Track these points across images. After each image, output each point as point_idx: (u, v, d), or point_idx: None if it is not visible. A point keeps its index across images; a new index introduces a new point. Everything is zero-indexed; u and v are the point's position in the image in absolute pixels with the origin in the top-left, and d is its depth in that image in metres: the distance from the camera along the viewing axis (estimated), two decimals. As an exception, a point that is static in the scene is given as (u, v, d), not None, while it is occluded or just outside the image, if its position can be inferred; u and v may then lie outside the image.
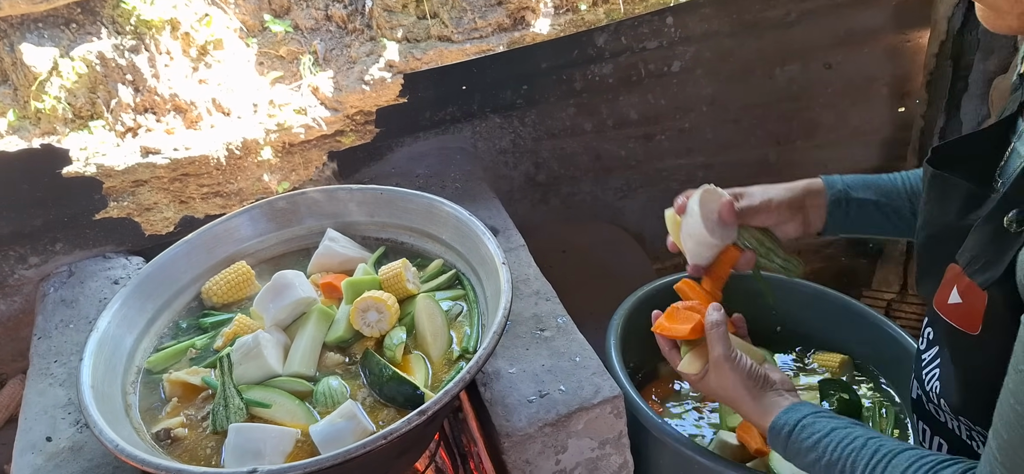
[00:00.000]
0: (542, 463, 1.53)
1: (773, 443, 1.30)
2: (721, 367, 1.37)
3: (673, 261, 2.88)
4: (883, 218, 1.54)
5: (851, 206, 1.52)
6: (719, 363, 1.37)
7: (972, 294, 1.06)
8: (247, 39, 2.08)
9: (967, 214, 1.12)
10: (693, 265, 1.53)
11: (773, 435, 1.29)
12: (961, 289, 1.09)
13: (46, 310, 1.83)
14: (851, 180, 1.55)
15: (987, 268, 1.01)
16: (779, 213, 1.52)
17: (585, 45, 2.29)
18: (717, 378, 1.38)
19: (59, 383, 1.62)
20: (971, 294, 1.06)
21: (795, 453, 1.26)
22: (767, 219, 1.51)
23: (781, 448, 1.29)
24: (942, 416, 1.24)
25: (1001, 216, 0.99)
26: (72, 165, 1.84)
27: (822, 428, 1.23)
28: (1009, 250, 0.97)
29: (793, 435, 1.25)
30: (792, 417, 1.27)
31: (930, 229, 1.22)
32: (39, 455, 1.46)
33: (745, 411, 1.37)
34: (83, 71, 1.88)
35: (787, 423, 1.27)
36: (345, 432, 1.26)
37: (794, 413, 1.28)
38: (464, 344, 1.46)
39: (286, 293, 1.48)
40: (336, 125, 2.05)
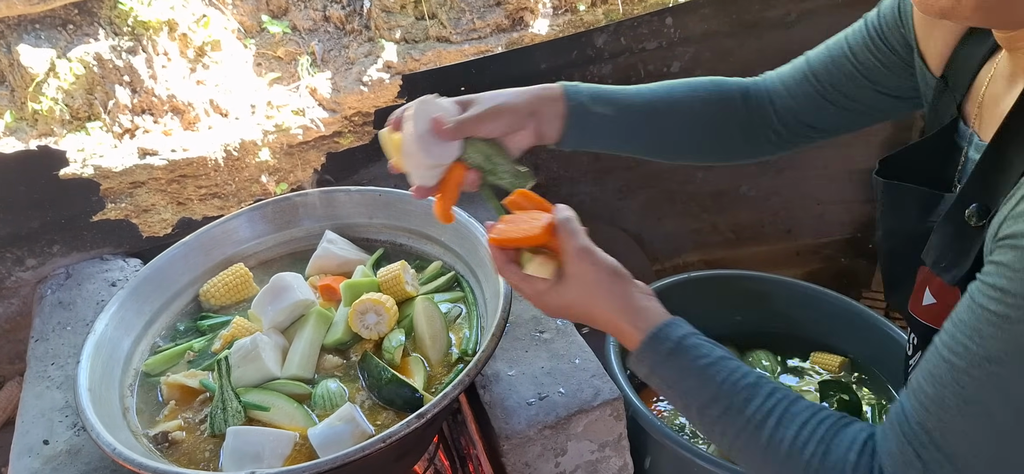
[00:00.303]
0: (542, 465, 1.53)
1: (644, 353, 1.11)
2: (581, 261, 1.17)
3: (672, 261, 2.88)
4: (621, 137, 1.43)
5: (590, 119, 1.38)
6: (579, 255, 1.17)
7: (945, 292, 1.05)
8: (245, 40, 2.07)
9: (926, 217, 1.10)
10: (418, 188, 1.31)
11: (652, 344, 1.11)
12: (934, 289, 1.08)
13: (43, 312, 1.82)
14: (596, 91, 1.40)
15: (954, 265, 1.00)
16: (509, 120, 1.34)
17: (584, 46, 2.28)
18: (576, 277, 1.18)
19: (56, 386, 1.61)
20: (945, 293, 1.05)
21: (673, 371, 1.09)
22: (495, 128, 1.32)
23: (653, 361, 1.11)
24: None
25: (961, 212, 0.98)
26: (69, 167, 1.83)
27: (710, 354, 1.08)
28: (974, 244, 0.96)
29: (677, 351, 1.09)
30: (676, 332, 1.11)
31: (892, 240, 1.19)
32: (36, 458, 1.45)
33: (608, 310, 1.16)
34: (80, 72, 1.88)
35: (671, 337, 1.10)
36: (344, 435, 1.26)
37: (678, 328, 1.11)
38: (463, 346, 1.46)
39: (284, 296, 1.48)
40: (334, 126, 2.04)
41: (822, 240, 2.99)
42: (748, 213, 2.85)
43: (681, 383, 1.08)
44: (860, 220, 2.95)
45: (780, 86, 1.46)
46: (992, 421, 0.86)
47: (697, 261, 2.92)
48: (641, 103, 1.42)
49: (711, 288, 2.13)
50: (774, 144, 1.48)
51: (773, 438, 1.01)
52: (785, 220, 2.90)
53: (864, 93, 1.33)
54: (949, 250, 1.02)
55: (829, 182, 2.83)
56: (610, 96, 1.41)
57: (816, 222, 2.93)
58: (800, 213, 2.90)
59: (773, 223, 2.90)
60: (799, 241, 2.97)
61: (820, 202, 2.88)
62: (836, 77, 1.35)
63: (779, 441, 1.01)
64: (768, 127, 1.47)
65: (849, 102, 1.35)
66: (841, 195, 2.88)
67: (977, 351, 0.84)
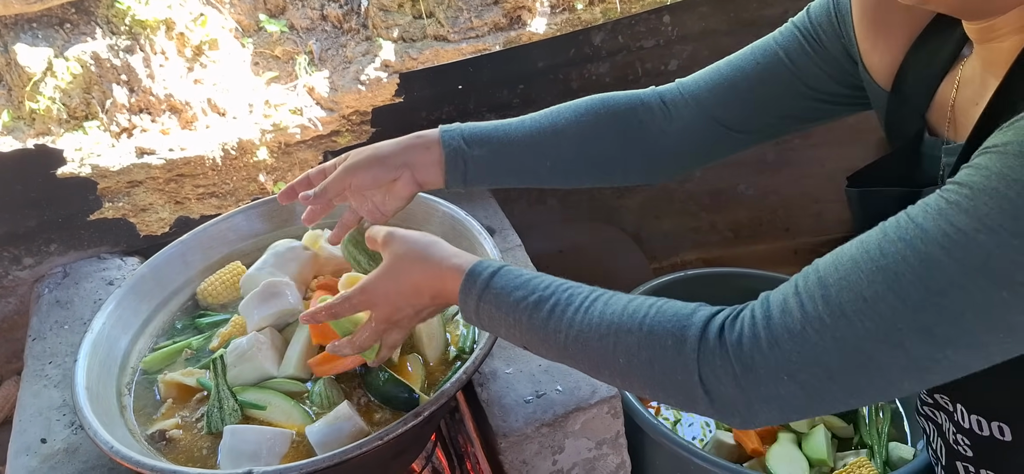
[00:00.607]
0: (539, 463, 1.53)
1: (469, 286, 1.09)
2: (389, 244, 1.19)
3: (670, 260, 2.89)
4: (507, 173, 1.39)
5: (470, 161, 1.36)
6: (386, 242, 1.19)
7: None
8: (242, 39, 2.07)
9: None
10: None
11: (470, 280, 1.09)
12: None
13: (41, 311, 1.82)
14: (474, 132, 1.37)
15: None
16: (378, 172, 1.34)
17: (581, 44, 2.29)
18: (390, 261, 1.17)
19: (54, 385, 1.61)
20: None
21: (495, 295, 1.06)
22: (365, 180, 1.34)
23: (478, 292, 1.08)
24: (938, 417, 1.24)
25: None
26: (67, 166, 1.83)
27: (527, 273, 1.07)
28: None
29: (496, 276, 1.07)
30: (492, 265, 1.10)
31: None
32: (34, 457, 1.45)
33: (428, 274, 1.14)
34: (78, 71, 1.88)
35: (488, 267, 1.09)
36: (341, 433, 1.26)
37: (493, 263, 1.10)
38: (460, 345, 1.46)
39: (272, 302, 1.47)
40: (332, 125, 2.04)
41: (820, 238, 2.99)
42: (746, 212, 2.86)
43: (506, 302, 1.05)
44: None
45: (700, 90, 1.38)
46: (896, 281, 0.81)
47: (695, 260, 2.92)
48: (522, 136, 1.38)
49: (708, 286, 2.13)
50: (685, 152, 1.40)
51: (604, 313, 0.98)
52: (783, 219, 2.91)
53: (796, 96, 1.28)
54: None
55: (827, 181, 2.83)
56: (488, 135, 1.37)
57: (814, 221, 2.94)
58: (798, 212, 2.90)
59: (771, 222, 2.90)
60: (797, 240, 2.97)
61: (818, 201, 2.89)
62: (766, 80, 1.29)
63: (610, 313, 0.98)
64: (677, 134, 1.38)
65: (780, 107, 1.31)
66: (839, 194, 2.86)
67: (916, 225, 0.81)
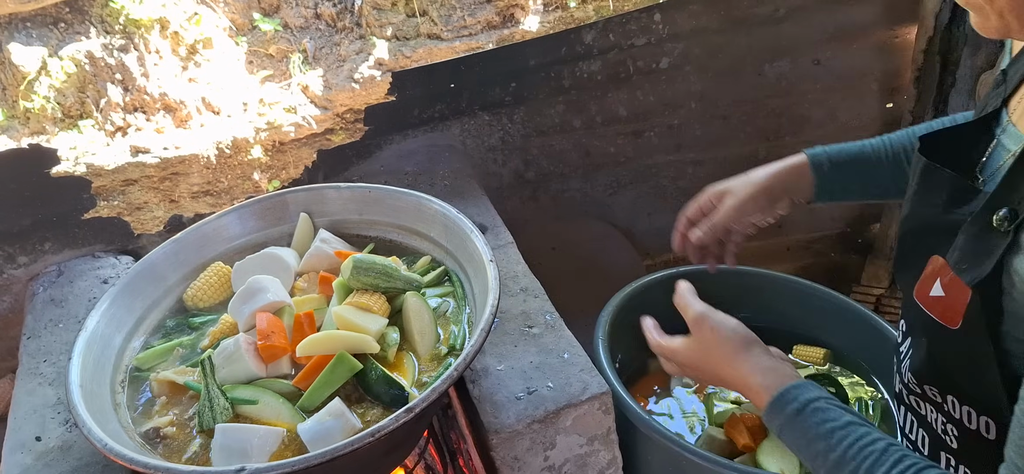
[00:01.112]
0: (531, 460, 1.54)
1: (773, 412, 1.15)
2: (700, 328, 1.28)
3: (663, 257, 2.89)
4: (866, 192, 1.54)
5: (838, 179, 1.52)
6: (697, 323, 1.28)
7: (956, 289, 1.06)
8: (236, 38, 2.08)
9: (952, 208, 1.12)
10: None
11: (778, 405, 1.14)
12: (944, 283, 1.09)
13: (35, 309, 1.83)
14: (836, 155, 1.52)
15: (975, 266, 1.01)
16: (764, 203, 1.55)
17: (573, 42, 2.29)
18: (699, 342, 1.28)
19: (48, 382, 1.62)
20: (955, 289, 1.06)
21: (799, 433, 1.11)
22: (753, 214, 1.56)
23: (782, 421, 1.13)
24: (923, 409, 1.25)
25: (990, 214, 0.99)
26: (61, 165, 1.84)
27: (837, 419, 1.08)
28: (997, 248, 0.97)
29: (804, 414, 1.11)
30: (804, 394, 1.13)
31: (914, 221, 1.21)
32: (29, 454, 1.46)
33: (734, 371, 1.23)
34: (72, 70, 1.88)
35: (798, 398, 1.12)
36: (333, 430, 1.27)
37: (806, 391, 1.13)
38: (451, 341, 1.47)
39: (258, 298, 1.48)
40: (326, 123, 2.05)
41: (813, 235, 3.00)
42: (739, 208, 2.86)
43: (810, 446, 1.09)
44: (850, 215, 2.97)
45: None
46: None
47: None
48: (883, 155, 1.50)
49: (700, 283, 2.14)
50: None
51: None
52: (776, 215, 2.92)
53: None
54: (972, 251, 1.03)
55: (819, 177, 2.84)
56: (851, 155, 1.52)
57: (807, 218, 2.95)
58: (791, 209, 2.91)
59: (764, 218, 2.91)
60: (790, 237, 2.98)
61: (810, 198, 2.90)
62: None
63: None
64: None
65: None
66: (831, 190, 2.89)
67: None
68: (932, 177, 1.17)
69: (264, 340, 1.41)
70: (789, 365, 1.22)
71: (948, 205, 1.13)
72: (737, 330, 1.26)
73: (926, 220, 1.17)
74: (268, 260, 1.63)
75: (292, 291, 1.61)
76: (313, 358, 1.38)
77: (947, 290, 1.08)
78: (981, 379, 1.04)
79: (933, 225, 1.14)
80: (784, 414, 1.13)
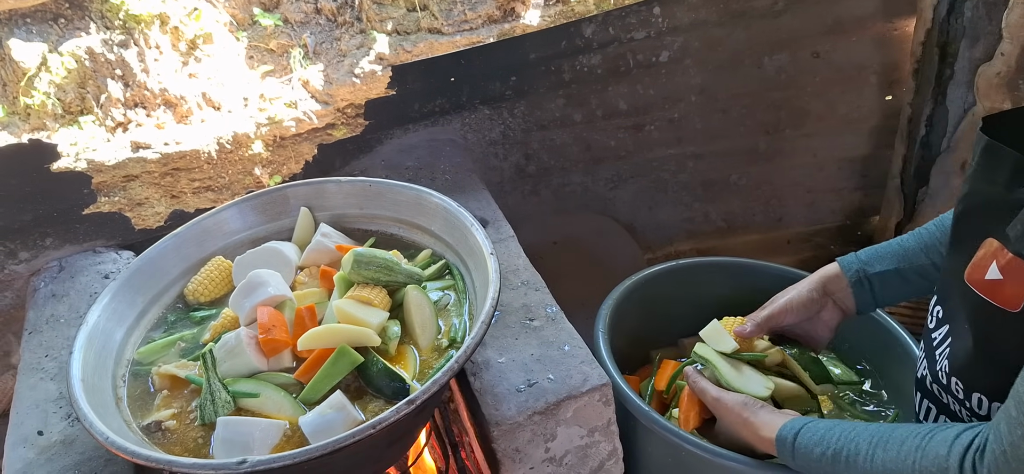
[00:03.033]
0: (532, 451, 1.54)
1: (782, 455, 1.40)
2: (716, 408, 1.56)
3: (664, 250, 2.90)
4: (908, 284, 1.59)
5: (874, 282, 1.60)
6: (714, 406, 1.57)
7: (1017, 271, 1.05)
8: (237, 33, 2.08)
9: (1016, 187, 1.12)
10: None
11: (780, 446, 1.39)
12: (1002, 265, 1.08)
13: (37, 305, 1.83)
14: (867, 255, 1.62)
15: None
16: (802, 311, 1.65)
17: (573, 36, 2.30)
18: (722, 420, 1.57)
19: (50, 377, 1.63)
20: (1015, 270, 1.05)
21: (804, 456, 1.34)
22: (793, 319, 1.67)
23: (790, 457, 1.37)
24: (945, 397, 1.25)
25: None
26: (62, 160, 1.84)
27: (823, 427, 1.32)
28: None
29: (798, 439, 1.35)
30: (794, 426, 1.37)
31: (973, 199, 1.22)
32: (31, 449, 1.47)
33: (750, 436, 1.48)
34: (72, 66, 1.88)
35: (791, 430, 1.37)
36: (335, 422, 1.27)
37: (795, 423, 1.38)
38: (452, 334, 1.47)
39: (260, 292, 1.49)
40: (326, 118, 2.05)
41: (813, 228, 3.00)
42: (739, 202, 2.87)
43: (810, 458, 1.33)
44: (850, 208, 2.97)
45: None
46: None
47: (689, 249, 2.93)
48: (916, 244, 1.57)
49: (702, 276, 2.14)
50: None
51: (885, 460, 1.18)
52: (776, 209, 2.92)
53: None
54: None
55: (819, 170, 2.85)
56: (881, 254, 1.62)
57: (807, 210, 2.95)
58: (791, 202, 2.91)
59: (764, 212, 2.92)
60: (790, 229, 2.99)
61: (810, 190, 2.90)
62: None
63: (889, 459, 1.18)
64: None
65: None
66: (831, 184, 2.89)
67: None
68: (994, 156, 1.17)
69: (265, 334, 1.41)
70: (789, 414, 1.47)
71: (1011, 183, 1.13)
72: (745, 400, 1.52)
73: (986, 198, 1.18)
74: (269, 254, 1.64)
75: (293, 285, 1.61)
76: (314, 351, 1.39)
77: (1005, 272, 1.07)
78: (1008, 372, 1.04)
79: (993, 204, 1.15)
80: (788, 450, 1.37)
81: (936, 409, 1.32)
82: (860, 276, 1.61)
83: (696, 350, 1.69)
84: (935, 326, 1.29)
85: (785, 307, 1.66)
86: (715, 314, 1.90)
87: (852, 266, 1.63)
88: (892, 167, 2.82)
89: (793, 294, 1.67)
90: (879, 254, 1.62)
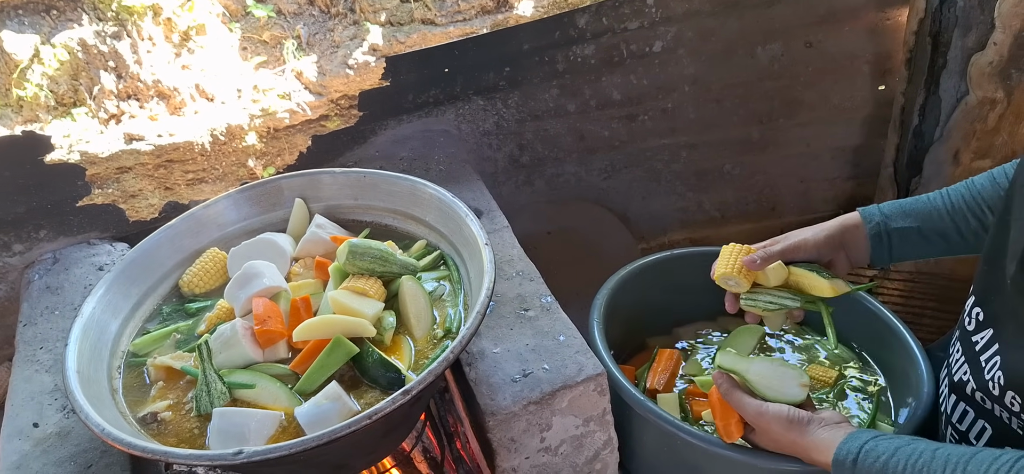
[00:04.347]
0: (527, 441, 1.55)
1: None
2: (759, 421, 1.46)
3: (658, 240, 2.90)
4: (928, 243, 1.56)
5: (893, 237, 1.56)
6: (755, 419, 1.47)
7: None
8: (230, 24, 2.08)
9: None
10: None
11: (838, 467, 1.28)
12: None
13: (31, 297, 1.83)
14: (890, 209, 1.58)
15: None
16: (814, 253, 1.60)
17: (566, 26, 2.29)
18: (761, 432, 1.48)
19: (45, 369, 1.63)
20: None
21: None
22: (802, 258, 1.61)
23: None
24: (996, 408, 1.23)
25: None
26: (55, 152, 1.84)
27: (886, 449, 1.21)
28: None
29: (859, 462, 1.24)
30: (853, 446, 1.27)
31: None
32: (26, 441, 1.47)
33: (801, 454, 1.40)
34: (65, 58, 1.88)
35: (850, 452, 1.26)
36: (330, 413, 1.27)
37: (854, 441, 1.27)
38: (447, 324, 1.48)
39: (254, 283, 1.49)
40: (320, 109, 2.05)
41: (806, 217, 3.00)
42: (733, 191, 2.87)
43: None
44: (843, 196, 2.98)
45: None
46: None
47: (683, 239, 2.94)
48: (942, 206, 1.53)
49: (696, 265, 2.14)
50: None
51: None
52: (770, 198, 2.93)
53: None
54: None
55: (812, 160, 2.85)
56: (906, 209, 1.56)
57: (800, 200, 2.95)
58: (784, 191, 2.92)
59: (758, 201, 2.92)
60: (784, 218, 2.99)
61: (804, 180, 2.91)
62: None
63: None
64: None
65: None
66: (824, 173, 2.90)
67: None
68: None
69: (261, 325, 1.41)
70: (842, 426, 1.36)
71: None
72: (791, 415, 1.41)
73: None
74: (264, 246, 1.64)
75: (288, 276, 1.61)
76: (310, 342, 1.39)
77: None
78: None
79: None
80: (845, 472, 1.26)
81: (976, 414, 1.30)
82: (880, 230, 1.57)
83: (719, 362, 1.63)
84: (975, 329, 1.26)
85: (798, 245, 1.61)
86: (709, 304, 1.91)
87: (874, 218, 1.58)
88: (885, 156, 2.83)
89: (809, 235, 1.61)
90: (903, 209, 1.57)
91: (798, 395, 1.52)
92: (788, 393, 1.52)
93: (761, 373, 1.57)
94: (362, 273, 1.50)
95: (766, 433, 1.46)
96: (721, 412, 1.59)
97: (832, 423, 1.37)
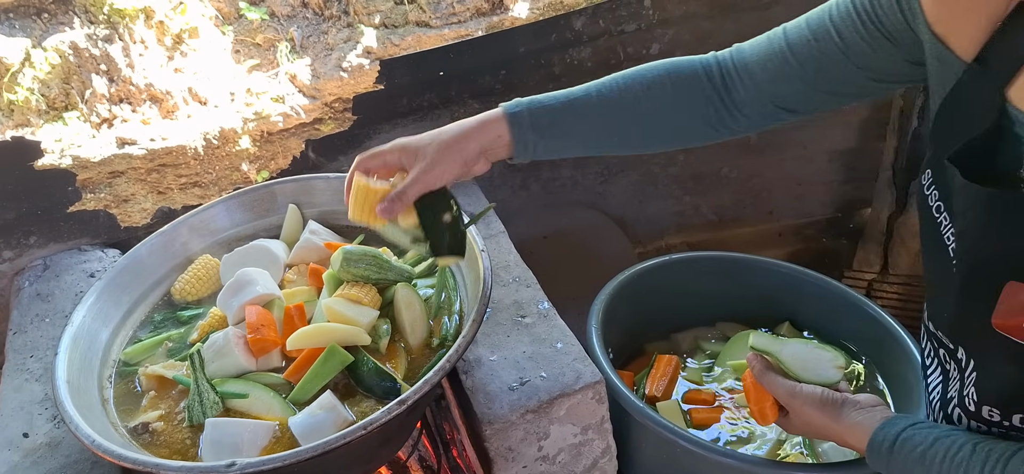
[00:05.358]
0: (525, 450, 1.53)
1: (874, 462, 1.25)
2: (792, 402, 1.40)
3: (655, 244, 2.89)
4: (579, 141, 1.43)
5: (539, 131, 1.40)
6: (788, 400, 1.41)
7: None
8: (222, 27, 2.06)
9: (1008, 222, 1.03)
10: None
11: (873, 453, 1.23)
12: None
13: (21, 304, 1.81)
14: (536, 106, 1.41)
15: None
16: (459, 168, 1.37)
17: (563, 29, 2.28)
18: (794, 414, 1.42)
19: (35, 378, 1.61)
20: None
21: (900, 469, 1.19)
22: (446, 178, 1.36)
23: (884, 466, 1.22)
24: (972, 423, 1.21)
25: None
26: (46, 157, 1.82)
27: (925, 438, 1.16)
28: None
29: (895, 450, 1.19)
30: (890, 432, 1.21)
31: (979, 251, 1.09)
32: (16, 451, 1.45)
33: (834, 437, 1.35)
34: (56, 62, 1.86)
35: (886, 438, 1.21)
36: (325, 423, 1.26)
37: (891, 427, 1.22)
38: (443, 332, 1.46)
39: (248, 290, 1.47)
40: (314, 113, 2.03)
41: (803, 221, 3.00)
42: (730, 195, 2.86)
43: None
44: (840, 200, 2.97)
45: (754, 64, 1.39)
46: None
47: (680, 243, 2.93)
48: (590, 107, 1.41)
49: (693, 270, 2.14)
50: (744, 123, 1.44)
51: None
52: (767, 201, 2.92)
53: (850, 77, 1.28)
54: None
55: (809, 163, 2.84)
56: (553, 106, 1.40)
57: (797, 203, 2.94)
58: (781, 194, 2.91)
59: (755, 205, 2.91)
60: (781, 222, 2.98)
61: (801, 183, 2.90)
62: (820, 60, 1.29)
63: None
64: (736, 107, 1.42)
65: (832, 85, 1.31)
66: (821, 176, 2.89)
67: None
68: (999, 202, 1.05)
69: (254, 333, 1.40)
70: (878, 409, 1.31)
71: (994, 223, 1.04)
72: (825, 397, 1.36)
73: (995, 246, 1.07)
74: (257, 252, 1.62)
75: (281, 283, 1.60)
76: (304, 351, 1.37)
77: None
78: None
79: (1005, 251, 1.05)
80: (880, 458, 1.22)
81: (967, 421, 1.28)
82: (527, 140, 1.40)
83: (753, 342, 1.55)
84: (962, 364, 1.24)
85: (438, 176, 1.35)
86: (707, 309, 1.90)
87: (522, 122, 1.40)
88: (884, 159, 2.82)
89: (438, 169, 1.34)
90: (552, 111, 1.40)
91: (833, 377, 1.47)
92: (823, 375, 1.48)
93: (795, 354, 1.52)
94: (357, 280, 1.48)
95: (799, 415, 1.41)
96: (755, 395, 1.53)
97: (867, 406, 1.32)
